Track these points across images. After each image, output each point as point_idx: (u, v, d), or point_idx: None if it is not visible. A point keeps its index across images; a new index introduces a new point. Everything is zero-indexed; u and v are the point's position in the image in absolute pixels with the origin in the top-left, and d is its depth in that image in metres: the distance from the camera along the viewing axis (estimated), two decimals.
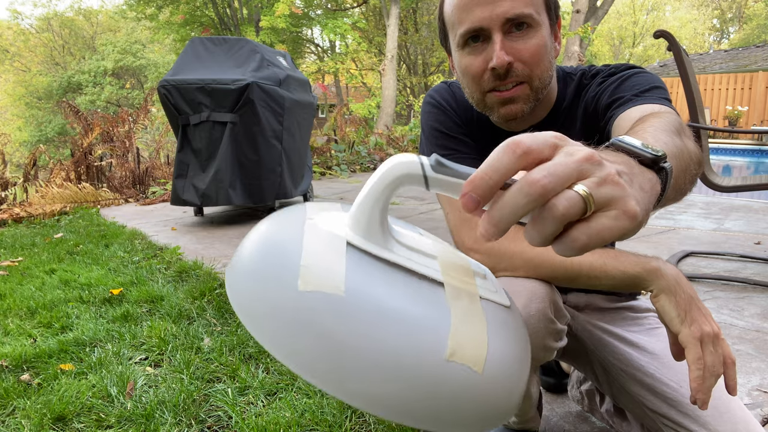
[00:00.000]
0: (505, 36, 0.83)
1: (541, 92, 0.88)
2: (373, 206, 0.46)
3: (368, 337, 0.40)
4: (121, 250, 2.92)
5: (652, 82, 0.87)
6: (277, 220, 0.50)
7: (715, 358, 0.70)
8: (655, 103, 0.80)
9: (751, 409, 1.31)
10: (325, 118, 10.73)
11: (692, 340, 0.70)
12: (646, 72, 0.91)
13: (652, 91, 0.85)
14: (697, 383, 0.69)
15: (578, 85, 0.96)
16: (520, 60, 0.84)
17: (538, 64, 0.85)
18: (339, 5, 19.24)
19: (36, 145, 11.06)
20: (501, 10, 0.81)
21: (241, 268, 0.46)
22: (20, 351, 1.62)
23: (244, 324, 0.44)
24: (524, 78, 0.85)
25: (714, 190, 2.35)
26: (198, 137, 3.54)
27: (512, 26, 0.83)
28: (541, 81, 0.87)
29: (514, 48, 0.83)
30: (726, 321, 1.88)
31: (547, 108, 0.96)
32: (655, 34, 2.30)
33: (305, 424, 1.24)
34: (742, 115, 13.15)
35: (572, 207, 0.35)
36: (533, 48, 0.84)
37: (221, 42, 3.86)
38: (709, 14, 35.87)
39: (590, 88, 0.95)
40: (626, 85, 0.88)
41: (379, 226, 0.47)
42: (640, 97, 0.83)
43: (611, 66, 0.96)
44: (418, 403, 0.41)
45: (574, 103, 0.96)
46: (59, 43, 29.73)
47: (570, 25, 14.01)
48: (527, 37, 0.83)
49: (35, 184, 5.05)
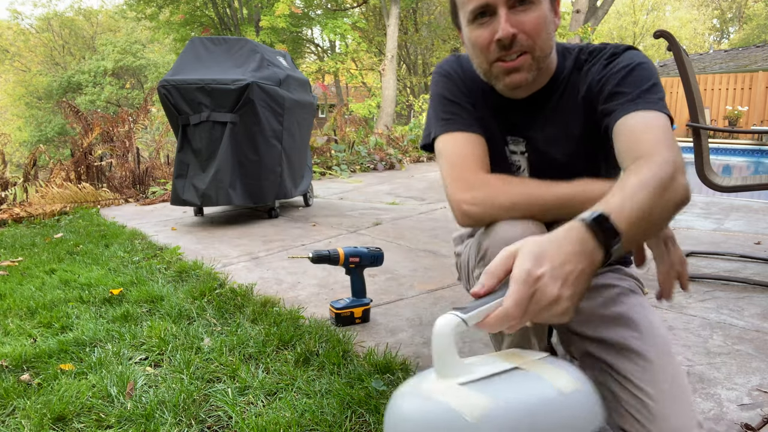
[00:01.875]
0: (509, 11, 0.92)
1: (542, 61, 0.97)
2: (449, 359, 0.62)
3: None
4: (121, 250, 2.92)
5: (651, 78, 0.94)
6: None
7: (675, 255, 0.87)
8: (653, 109, 0.90)
9: (751, 409, 1.31)
10: (325, 118, 10.74)
11: (657, 241, 0.87)
12: (644, 62, 0.97)
13: (652, 90, 0.93)
14: (663, 276, 0.88)
15: (576, 59, 1.04)
16: (523, 31, 0.93)
17: (539, 35, 0.94)
18: (339, 5, 19.24)
19: (36, 145, 11.06)
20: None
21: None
22: (20, 351, 1.62)
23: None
24: (527, 48, 0.94)
25: (714, 190, 2.35)
26: (198, 137, 3.54)
27: (516, 1, 0.92)
28: (542, 51, 0.96)
29: (518, 21, 0.92)
30: (726, 321, 1.88)
31: (546, 77, 1.04)
32: (655, 34, 2.30)
33: (305, 424, 1.24)
34: (742, 115, 13.14)
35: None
36: (535, 20, 0.93)
37: (221, 42, 3.86)
38: (709, 14, 35.87)
39: (594, 67, 1.01)
40: (629, 80, 0.94)
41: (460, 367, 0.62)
42: (641, 99, 0.91)
43: (610, 46, 1.02)
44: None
45: (574, 74, 1.04)
46: (59, 43, 29.73)
47: (570, 25, 14.01)
48: (529, 11, 0.93)
49: (35, 184, 5.05)
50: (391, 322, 1.90)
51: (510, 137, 1.10)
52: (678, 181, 0.79)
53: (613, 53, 1.00)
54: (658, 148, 0.83)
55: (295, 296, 2.21)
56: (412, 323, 1.89)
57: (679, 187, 0.79)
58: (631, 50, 1.00)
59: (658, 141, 0.84)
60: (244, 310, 1.97)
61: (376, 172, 7.28)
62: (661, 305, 2.06)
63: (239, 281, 2.34)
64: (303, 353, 1.58)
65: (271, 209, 3.96)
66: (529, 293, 0.60)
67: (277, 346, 1.66)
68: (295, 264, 2.68)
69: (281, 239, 3.24)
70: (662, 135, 0.85)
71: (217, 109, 3.49)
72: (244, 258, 2.82)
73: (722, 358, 1.59)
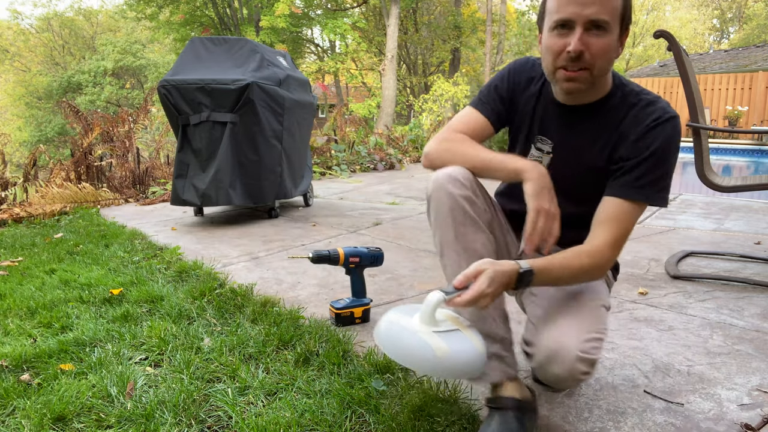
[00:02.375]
0: (584, 31, 1.10)
1: (597, 80, 1.16)
2: (430, 317, 1.02)
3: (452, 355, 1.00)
4: (121, 250, 2.92)
5: (666, 166, 1.16)
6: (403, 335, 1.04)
7: (544, 226, 1.12)
8: (643, 201, 1.17)
9: (751, 409, 1.31)
10: (325, 118, 10.73)
11: (533, 210, 1.12)
12: (670, 148, 1.16)
13: (658, 182, 1.16)
14: (526, 236, 1.13)
15: (626, 96, 1.22)
16: (589, 51, 1.11)
17: (602, 58, 1.12)
18: (339, 5, 19.24)
19: (36, 145, 11.05)
20: (589, 11, 1.09)
21: (395, 347, 1.02)
22: (20, 351, 1.62)
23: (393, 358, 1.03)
24: (588, 65, 1.12)
25: (714, 190, 2.35)
26: (198, 137, 3.54)
27: (592, 25, 1.10)
28: (599, 71, 1.14)
29: (589, 42, 1.10)
30: (726, 321, 1.89)
31: (595, 96, 1.22)
32: (655, 34, 2.31)
33: (305, 424, 1.24)
34: (742, 115, 13.14)
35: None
36: (602, 46, 1.11)
37: (221, 42, 3.86)
38: (709, 14, 35.86)
39: (638, 124, 1.18)
40: (647, 165, 1.16)
41: (434, 322, 1.03)
42: (642, 190, 1.16)
43: (658, 107, 1.18)
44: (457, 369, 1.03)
45: (618, 108, 1.21)
46: (59, 43, 29.72)
47: None
48: (600, 37, 1.10)
49: (35, 184, 5.04)
50: None
51: (540, 136, 1.30)
52: (598, 275, 1.17)
53: (656, 121, 1.16)
54: (607, 244, 1.15)
55: (295, 296, 2.21)
56: None
57: (595, 276, 1.17)
58: (671, 122, 1.16)
59: (613, 237, 1.15)
60: (244, 310, 1.97)
61: (376, 172, 7.28)
62: (661, 305, 2.06)
63: (239, 281, 2.34)
64: (303, 353, 1.58)
65: (271, 209, 3.96)
66: (476, 299, 1.02)
67: (277, 346, 1.66)
68: (295, 264, 2.68)
69: (281, 239, 3.24)
70: (620, 231, 1.16)
71: (217, 109, 3.49)
72: (244, 258, 2.82)
73: (722, 358, 1.59)
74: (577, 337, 1.09)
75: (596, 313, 1.17)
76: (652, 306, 2.05)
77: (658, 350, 1.65)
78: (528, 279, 1.08)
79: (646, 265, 2.59)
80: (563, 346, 1.08)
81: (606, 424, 1.25)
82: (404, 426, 1.21)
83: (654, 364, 1.56)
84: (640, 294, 2.18)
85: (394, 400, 1.33)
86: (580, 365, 1.07)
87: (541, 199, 1.13)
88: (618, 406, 1.33)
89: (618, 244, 1.16)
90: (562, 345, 1.08)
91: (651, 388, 1.42)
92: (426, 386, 1.39)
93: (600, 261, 1.14)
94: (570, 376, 1.08)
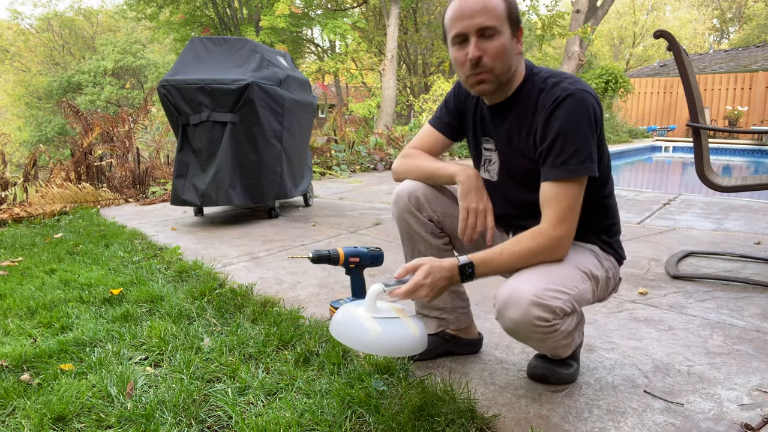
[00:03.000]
0: (478, 39, 1.24)
1: (502, 77, 1.29)
2: (371, 307, 1.22)
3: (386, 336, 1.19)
4: (121, 250, 2.92)
5: (576, 141, 1.22)
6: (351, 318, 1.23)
7: (474, 221, 1.35)
8: (567, 177, 1.23)
9: (751, 409, 1.31)
10: (325, 118, 10.73)
11: (463, 209, 1.37)
12: (574, 125, 1.22)
13: (572, 157, 1.22)
14: (461, 231, 1.37)
15: (533, 85, 1.32)
16: (486, 55, 1.25)
17: (499, 59, 1.25)
18: (339, 5, 19.23)
19: (36, 145, 11.05)
20: (476, 21, 1.23)
21: (341, 330, 1.22)
22: (20, 351, 1.62)
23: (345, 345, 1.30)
24: (489, 68, 1.26)
25: (714, 190, 2.35)
26: (198, 137, 3.54)
27: (483, 33, 1.24)
28: (501, 70, 1.27)
29: (484, 47, 1.25)
30: (726, 321, 1.89)
31: (509, 91, 1.34)
32: (655, 34, 2.30)
33: (305, 424, 1.24)
34: (742, 115, 13.13)
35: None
36: (497, 47, 1.25)
37: (221, 42, 3.86)
38: (709, 14, 35.86)
39: (541, 105, 1.27)
40: (555, 149, 1.24)
41: (375, 310, 1.22)
42: (561, 168, 1.23)
43: (558, 88, 1.25)
44: (395, 348, 1.21)
45: (530, 96, 1.31)
46: (59, 43, 29.72)
47: (570, 25, 13.99)
48: (493, 40, 1.24)
49: (35, 184, 5.04)
50: None
51: (483, 137, 1.46)
52: (552, 254, 1.25)
53: (555, 101, 1.24)
54: (550, 224, 1.23)
55: (295, 296, 2.21)
56: None
57: (554, 255, 1.25)
58: (570, 98, 1.22)
59: (554, 216, 1.23)
60: (244, 310, 1.97)
61: (376, 172, 7.28)
62: (661, 305, 2.06)
63: (239, 281, 2.34)
64: (303, 353, 1.58)
65: (271, 209, 3.96)
66: (413, 289, 1.18)
67: (277, 346, 1.66)
68: (295, 264, 2.68)
69: (281, 239, 3.24)
70: (560, 209, 1.23)
71: (217, 109, 3.49)
72: (244, 258, 2.82)
73: (722, 358, 1.59)
74: (536, 285, 1.17)
75: (566, 272, 1.25)
76: (652, 306, 2.05)
77: (658, 350, 1.65)
78: (469, 270, 1.21)
79: (646, 265, 2.59)
80: (518, 289, 1.18)
81: (606, 424, 1.25)
82: (404, 426, 1.21)
83: (654, 364, 1.56)
84: (640, 294, 2.19)
85: (394, 400, 1.33)
86: (534, 309, 1.15)
87: (468, 199, 1.36)
88: (618, 406, 1.33)
89: (562, 221, 1.23)
90: (517, 289, 1.18)
91: (651, 388, 1.42)
92: (426, 386, 1.39)
93: (549, 240, 1.23)
94: (525, 320, 1.17)
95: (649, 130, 14.46)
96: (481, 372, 1.52)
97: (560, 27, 15.35)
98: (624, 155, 10.48)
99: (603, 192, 1.37)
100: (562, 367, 1.43)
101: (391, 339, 1.18)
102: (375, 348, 1.17)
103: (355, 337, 1.17)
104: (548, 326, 1.18)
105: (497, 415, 1.29)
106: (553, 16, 15.30)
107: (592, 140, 1.24)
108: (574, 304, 1.23)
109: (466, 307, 1.60)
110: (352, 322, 1.20)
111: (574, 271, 1.26)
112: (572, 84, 1.24)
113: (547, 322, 1.17)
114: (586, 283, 1.27)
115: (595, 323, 1.87)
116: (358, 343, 1.18)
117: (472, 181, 1.37)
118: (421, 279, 1.18)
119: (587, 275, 1.29)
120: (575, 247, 1.35)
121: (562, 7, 18.48)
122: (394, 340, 1.18)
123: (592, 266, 1.32)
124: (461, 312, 1.58)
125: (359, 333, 1.17)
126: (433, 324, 1.58)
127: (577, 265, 1.28)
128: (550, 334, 1.20)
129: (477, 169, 1.52)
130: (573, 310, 1.23)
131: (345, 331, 1.20)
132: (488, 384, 1.45)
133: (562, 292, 1.19)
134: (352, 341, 1.18)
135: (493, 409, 1.32)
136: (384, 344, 1.18)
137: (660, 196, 4.96)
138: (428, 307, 1.57)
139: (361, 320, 1.19)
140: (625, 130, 13.53)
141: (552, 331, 1.19)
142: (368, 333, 1.17)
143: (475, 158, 1.52)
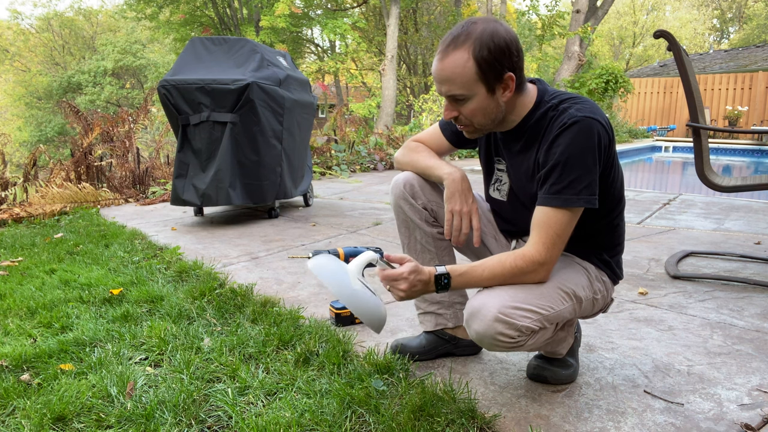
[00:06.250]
0: (450, 102, 1.26)
1: (487, 127, 1.30)
2: (359, 269, 1.27)
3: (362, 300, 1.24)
4: (121, 250, 2.92)
5: (574, 171, 1.19)
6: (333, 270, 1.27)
7: (458, 223, 1.38)
8: (561, 206, 1.20)
9: (751, 409, 1.31)
10: (325, 118, 10.72)
11: (447, 211, 1.39)
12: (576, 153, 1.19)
13: (569, 187, 1.19)
14: (446, 234, 1.40)
15: (545, 113, 1.28)
16: (462, 114, 1.26)
17: (475, 117, 1.26)
18: (339, 5, 19.24)
19: (36, 145, 11.05)
20: (444, 89, 1.24)
21: (324, 272, 1.25)
22: (20, 351, 1.62)
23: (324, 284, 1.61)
24: (467, 123, 1.28)
25: (714, 190, 2.35)
26: (198, 137, 3.54)
27: (453, 98, 1.24)
28: (481, 123, 1.28)
29: (457, 108, 1.26)
30: (726, 321, 1.89)
31: (515, 122, 1.32)
32: (655, 34, 2.30)
33: (305, 424, 1.24)
34: (742, 115, 13.13)
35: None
36: (470, 110, 1.25)
37: (221, 42, 3.86)
38: (709, 14, 35.85)
39: (548, 131, 1.25)
40: (556, 174, 1.21)
41: (360, 275, 1.27)
42: (556, 196, 1.21)
43: (566, 115, 1.22)
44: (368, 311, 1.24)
45: (540, 122, 1.28)
46: (59, 43, 29.73)
47: (570, 25, 14.00)
48: (464, 103, 1.24)
49: (35, 184, 5.04)
50: (391, 322, 1.90)
51: (496, 157, 1.46)
52: (532, 278, 1.22)
53: (561, 127, 1.21)
54: (536, 247, 1.21)
55: (295, 296, 2.21)
56: (412, 323, 1.89)
57: (530, 280, 1.23)
58: (576, 125, 1.19)
59: (541, 241, 1.21)
60: (244, 310, 1.97)
61: (376, 172, 7.28)
62: (661, 305, 2.06)
63: (239, 281, 2.34)
64: (303, 353, 1.58)
65: (271, 209, 3.96)
66: (395, 278, 1.22)
67: (277, 346, 1.66)
68: (295, 264, 2.68)
69: (281, 239, 3.24)
70: (548, 235, 1.21)
71: (217, 109, 3.49)
72: (244, 258, 2.82)
73: (722, 358, 1.59)
74: (503, 302, 1.18)
75: (544, 291, 1.24)
76: (652, 306, 2.05)
77: (658, 350, 1.65)
78: (445, 281, 1.22)
79: (646, 265, 2.59)
80: (485, 304, 1.19)
81: (606, 424, 1.25)
82: (404, 426, 1.21)
83: (654, 364, 1.56)
84: (640, 294, 2.19)
85: (394, 400, 1.33)
86: (497, 325, 1.16)
87: (452, 202, 1.38)
88: (618, 406, 1.33)
89: (548, 247, 1.21)
90: (484, 304, 1.19)
91: (651, 388, 1.42)
92: (426, 386, 1.39)
93: (531, 264, 1.21)
94: (487, 333, 1.18)
95: (649, 130, 14.46)
96: (481, 372, 1.52)
97: (560, 27, 15.35)
98: (624, 155, 10.49)
99: (613, 214, 1.35)
100: (562, 367, 1.44)
101: (366, 299, 1.23)
102: (348, 300, 1.22)
103: (336, 282, 1.22)
104: (512, 342, 1.19)
105: (497, 415, 1.29)
106: (553, 16, 15.30)
107: (595, 170, 1.20)
108: (545, 323, 1.22)
109: (464, 304, 1.58)
110: (340, 270, 1.24)
111: (553, 291, 1.24)
112: (580, 110, 1.20)
113: (510, 339, 1.18)
114: (566, 304, 1.26)
115: (595, 323, 1.87)
116: (337, 288, 1.22)
117: (457, 184, 1.38)
118: (406, 273, 1.20)
119: (569, 295, 1.27)
120: (568, 263, 1.34)
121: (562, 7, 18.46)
122: (364, 304, 1.23)
123: (578, 286, 1.30)
124: (459, 309, 1.58)
125: (342, 281, 1.22)
126: (430, 320, 1.58)
127: (560, 285, 1.26)
128: (513, 348, 1.21)
129: (487, 187, 1.53)
130: (543, 328, 1.23)
131: (328, 274, 1.24)
132: (488, 384, 1.45)
133: (533, 311, 1.19)
134: (332, 284, 1.22)
135: (493, 409, 1.32)
136: (356, 302, 1.22)
137: (660, 196, 4.96)
138: (426, 301, 1.58)
139: (349, 274, 1.24)
140: (625, 130, 13.53)
141: (516, 345, 1.20)
142: (349, 286, 1.22)
143: (487, 175, 1.52)
